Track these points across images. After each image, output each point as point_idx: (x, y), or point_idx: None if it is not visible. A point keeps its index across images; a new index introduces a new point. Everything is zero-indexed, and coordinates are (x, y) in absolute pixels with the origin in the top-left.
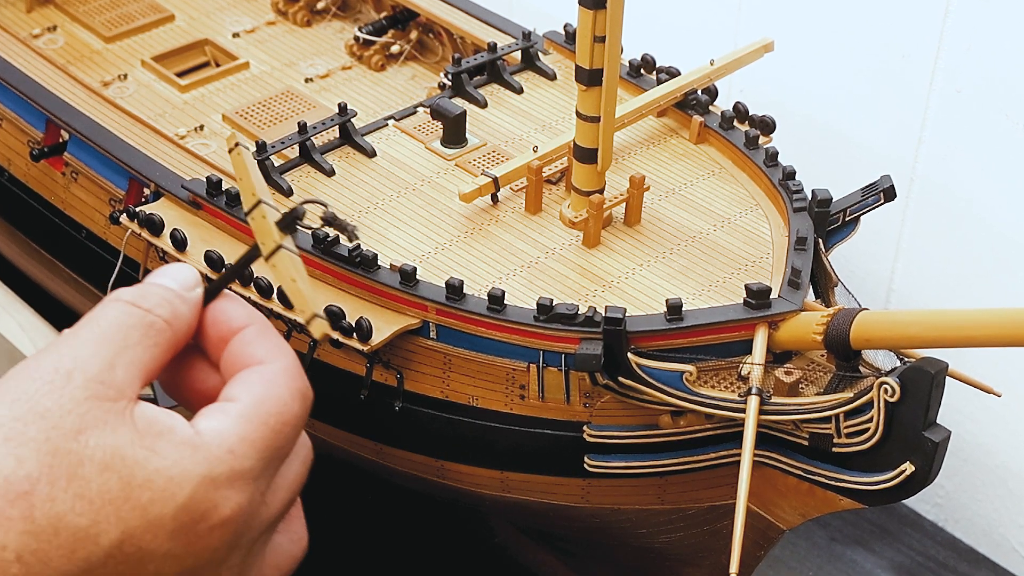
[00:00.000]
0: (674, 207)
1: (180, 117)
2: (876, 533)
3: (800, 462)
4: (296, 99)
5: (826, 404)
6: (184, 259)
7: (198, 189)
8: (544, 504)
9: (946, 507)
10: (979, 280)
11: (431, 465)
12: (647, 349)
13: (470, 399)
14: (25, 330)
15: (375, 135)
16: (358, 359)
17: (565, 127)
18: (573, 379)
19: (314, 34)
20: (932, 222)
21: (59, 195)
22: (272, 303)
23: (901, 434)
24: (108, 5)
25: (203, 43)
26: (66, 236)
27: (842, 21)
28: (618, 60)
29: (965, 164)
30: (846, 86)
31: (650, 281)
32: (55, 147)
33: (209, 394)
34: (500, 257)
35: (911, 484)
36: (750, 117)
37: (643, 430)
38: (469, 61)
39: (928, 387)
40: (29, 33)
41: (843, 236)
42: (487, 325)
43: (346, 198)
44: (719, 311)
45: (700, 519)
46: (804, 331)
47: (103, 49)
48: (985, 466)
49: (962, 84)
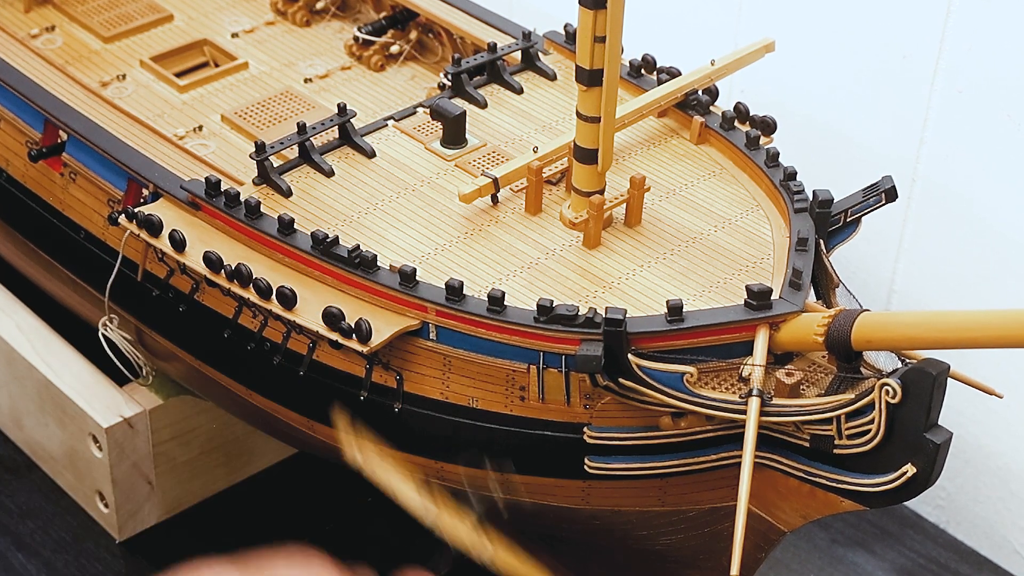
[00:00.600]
0: (675, 208)
1: (179, 117)
2: (877, 535)
3: (801, 464)
4: (295, 99)
5: (827, 406)
6: (183, 260)
7: (197, 190)
8: (544, 506)
9: (948, 509)
10: (981, 281)
11: (431, 467)
12: (648, 350)
13: (470, 400)
14: (23, 331)
15: (375, 136)
16: (357, 360)
17: (565, 127)
18: (573, 380)
19: (313, 34)
20: (934, 223)
21: (57, 196)
22: (271, 304)
23: (902, 436)
24: (107, 5)
25: (202, 43)
26: (64, 237)
27: (843, 21)
28: (618, 60)
29: (967, 165)
30: (847, 86)
31: (651, 282)
32: (53, 148)
33: None
34: (500, 258)
35: (912, 486)
36: (751, 117)
37: (644, 432)
38: (469, 61)
39: (930, 388)
40: (27, 33)
41: (844, 237)
42: (487, 326)
43: (345, 199)
44: (720, 312)
45: (701, 521)
46: (805, 332)
47: (102, 49)
48: (987, 468)
49: (964, 84)
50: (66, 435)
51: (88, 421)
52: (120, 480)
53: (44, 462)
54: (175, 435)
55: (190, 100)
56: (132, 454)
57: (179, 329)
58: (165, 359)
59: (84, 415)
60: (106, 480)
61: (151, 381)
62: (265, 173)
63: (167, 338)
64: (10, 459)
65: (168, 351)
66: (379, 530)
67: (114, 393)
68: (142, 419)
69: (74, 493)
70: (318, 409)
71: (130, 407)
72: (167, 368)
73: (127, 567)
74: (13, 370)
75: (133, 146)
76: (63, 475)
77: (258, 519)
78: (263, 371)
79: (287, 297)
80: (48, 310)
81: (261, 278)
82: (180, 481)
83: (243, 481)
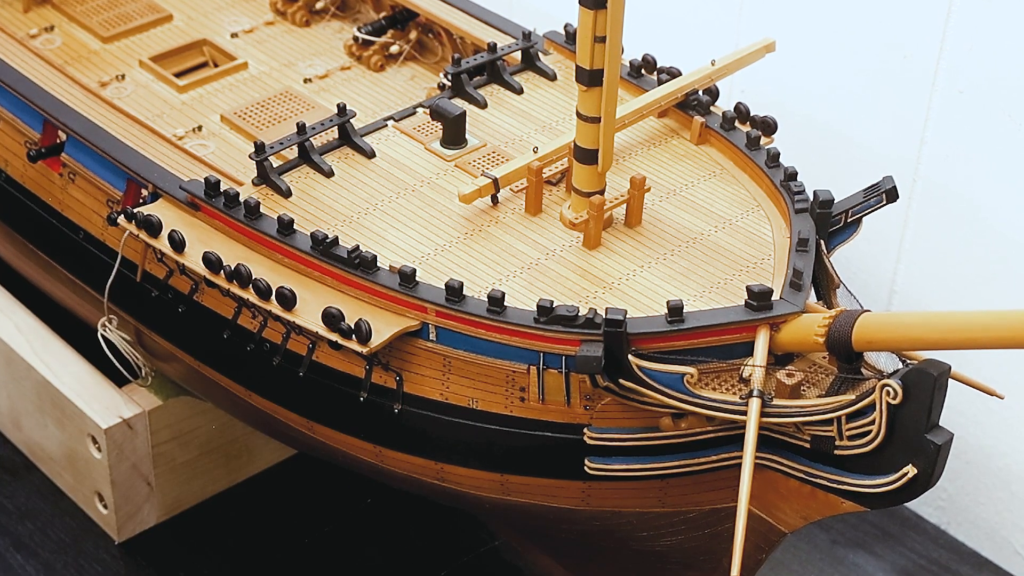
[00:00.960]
0: (675, 208)
1: (178, 118)
2: (878, 536)
3: (802, 465)
4: (295, 99)
5: (828, 406)
6: (182, 260)
7: (196, 190)
8: (544, 507)
9: (948, 510)
10: (982, 281)
11: (430, 468)
12: (648, 351)
13: (470, 401)
14: (22, 332)
15: (374, 136)
16: (357, 361)
17: (565, 128)
18: (573, 381)
19: (313, 34)
20: (935, 223)
21: (56, 196)
22: (271, 304)
23: (903, 436)
24: (106, 5)
25: (201, 43)
26: (63, 238)
27: (844, 21)
28: (619, 60)
29: (968, 165)
30: (848, 86)
31: (651, 283)
32: (52, 148)
33: None
34: (500, 258)
35: (913, 487)
36: (751, 118)
37: (644, 432)
38: (469, 61)
39: (931, 389)
40: (26, 33)
41: (845, 237)
42: (487, 327)
43: (345, 199)
44: (720, 313)
45: (701, 522)
46: (806, 333)
47: (101, 49)
48: (988, 469)
49: (965, 84)
50: (65, 436)
51: (87, 422)
52: (119, 481)
53: (43, 463)
54: (174, 436)
55: (189, 100)
56: (131, 455)
57: (178, 330)
58: (164, 360)
59: (83, 416)
60: (105, 481)
61: (150, 382)
62: (264, 173)
63: (166, 339)
64: (9, 460)
65: (167, 352)
66: (378, 532)
67: (113, 394)
68: (141, 420)
69: (73, 494)
70: (317, 411)
71: (129, 408)
72: (166, 369)
73: (126, 568)
74: (12, 371)
75: (132, 146)
76: (62, 476)
77: (257, 520)
78: (262, 372)
79: (287, 298)
80: (47, 311)
81: (260, 279)
82: (179, 482)
83: (242, 482)
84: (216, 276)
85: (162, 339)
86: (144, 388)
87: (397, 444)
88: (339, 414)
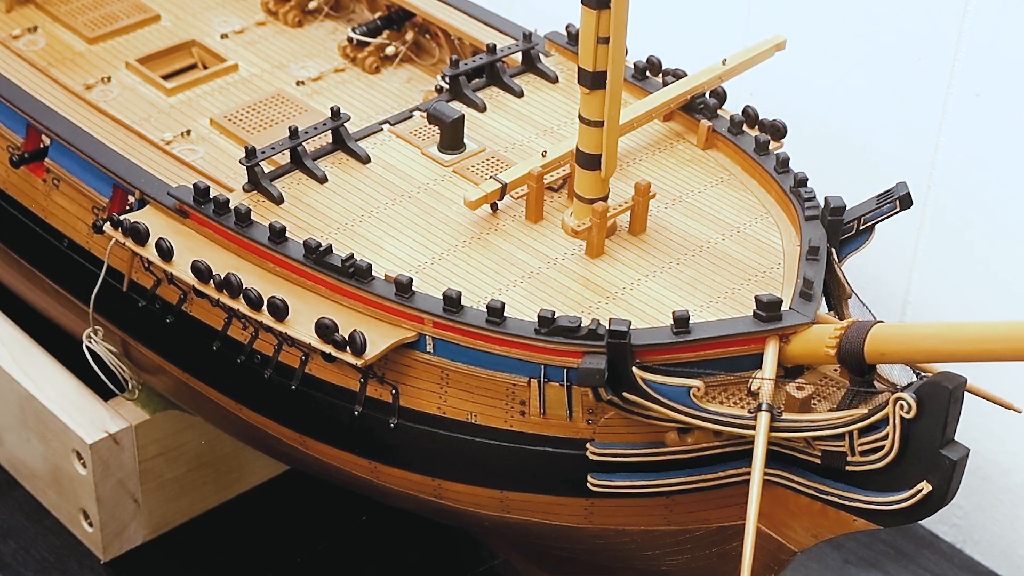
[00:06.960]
0: (681, 215)
1: (166, 121)
2: (892, 555)
3: (812, 481)
4: (287, 103)
5: (839, 421)
6: (170, 269)
7: (185, 196)
8: (545, 525)
9: (964, 528)
10: (999, 291)
11: (428, 484)
12: (653, 363)
13: (468, 415)
14: (4, 343)
15: (369, 140)
16: (351, 374)
17: (567, 132)
18: (576, 395)
19: (306, 35)
20: (950, 231)
21: (40, 203)
22: (262, 315)
23: (918, 452)
24: (91, 5)
25: (190, 44)
26: (47, 246)
27: (855, 22)
28: (623, 62)
29: (984, 171)
30: (860, 89)
31: (656, 292)
32: (36, 153)
33: None
34: (500, 267)
35: (928, 504)
36: (760, 122)
37: (649, 448)
38: (467, 63)
39: (946, 403)
40: (9, 34)
41: (857, 245)
42: (486, 338)
43: (339, 206)
44: (728, 324)
45: (708, 541)
46: (816, 344)
47: (86, 51)
48: (1005, 485)
49: (981, 87)
50: (49, 451)
51: (72, 437)
52: (105, 498)
53: (26, 479)
54: (162, 451)
55: (178, 103)
56: (117, 471)
57: (166, 341)
58: (152, 372)
59: (67, 430)
60: (90, 498)
61: (137, 395)
62: (255, 179)
63: (154, 350)
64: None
65: (155, 364)
66: (374, 550)
67: (99, 408)
68: (128, 435)
69: (57, 512)
70: (311, 424)
71: (115, 422)
72: (154, 382)
73: None
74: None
75: (118, 151)
76: (46, 493)
77: (249, 539)
78: (253, 385)
79: (278, 308)
80: (30, 321)
81: (251, 288)
82: (167, 499)
83: (233, 499)
84: (205, 285)
85: (149, 351)
86: (131, 402)
87: (393, 460)
88: (333, 429)
